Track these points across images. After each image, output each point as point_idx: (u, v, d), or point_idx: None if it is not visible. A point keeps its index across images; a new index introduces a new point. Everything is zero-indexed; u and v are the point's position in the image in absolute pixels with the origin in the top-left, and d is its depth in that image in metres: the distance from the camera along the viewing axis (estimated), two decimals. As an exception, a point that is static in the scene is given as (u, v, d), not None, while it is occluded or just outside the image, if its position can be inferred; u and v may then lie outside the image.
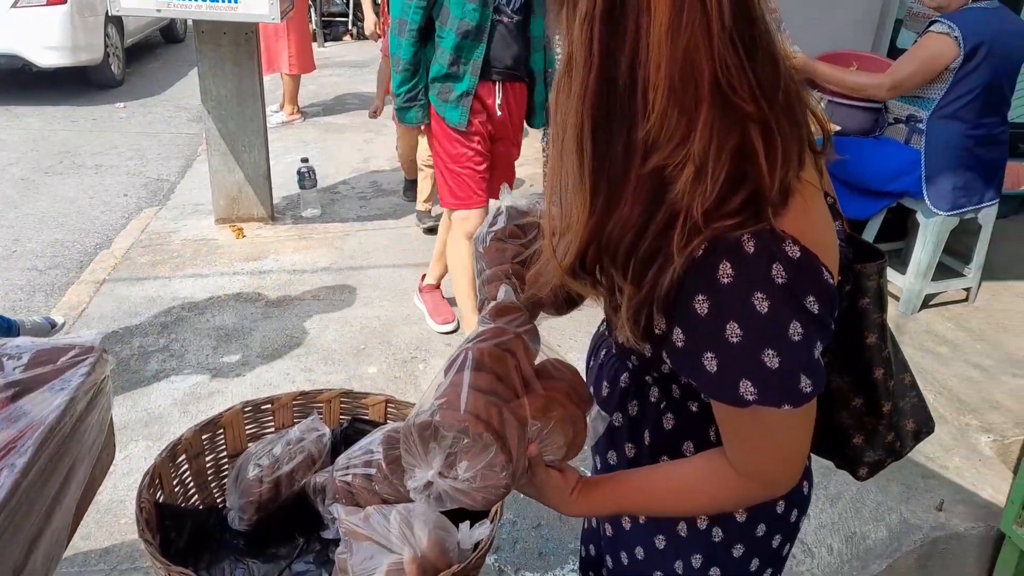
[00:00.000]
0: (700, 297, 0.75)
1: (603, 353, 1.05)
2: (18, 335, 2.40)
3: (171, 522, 1.39)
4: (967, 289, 3.27)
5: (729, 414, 0.81)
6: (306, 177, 3.95)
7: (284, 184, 4.18)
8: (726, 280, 0.74)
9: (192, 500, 1.53)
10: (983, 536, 2.05)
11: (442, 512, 1.36)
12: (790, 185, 0.76)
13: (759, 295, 0.74)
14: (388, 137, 5.49)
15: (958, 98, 2.74)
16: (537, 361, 0.98)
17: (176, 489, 1.48)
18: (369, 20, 4.96)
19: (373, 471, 1.39)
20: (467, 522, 1.33)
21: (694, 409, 0.92)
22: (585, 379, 1.09)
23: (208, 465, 1.56)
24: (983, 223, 3.08)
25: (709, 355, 0.77)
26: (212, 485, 1.58)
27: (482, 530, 1.31)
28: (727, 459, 0.86)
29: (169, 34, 8.91)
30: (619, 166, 0.74)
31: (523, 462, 0.86)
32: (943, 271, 3.24)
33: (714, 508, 0.93)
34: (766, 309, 0.74)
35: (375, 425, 1.65)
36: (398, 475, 1.40)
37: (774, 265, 0.74)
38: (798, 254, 0.75)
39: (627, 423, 1.00)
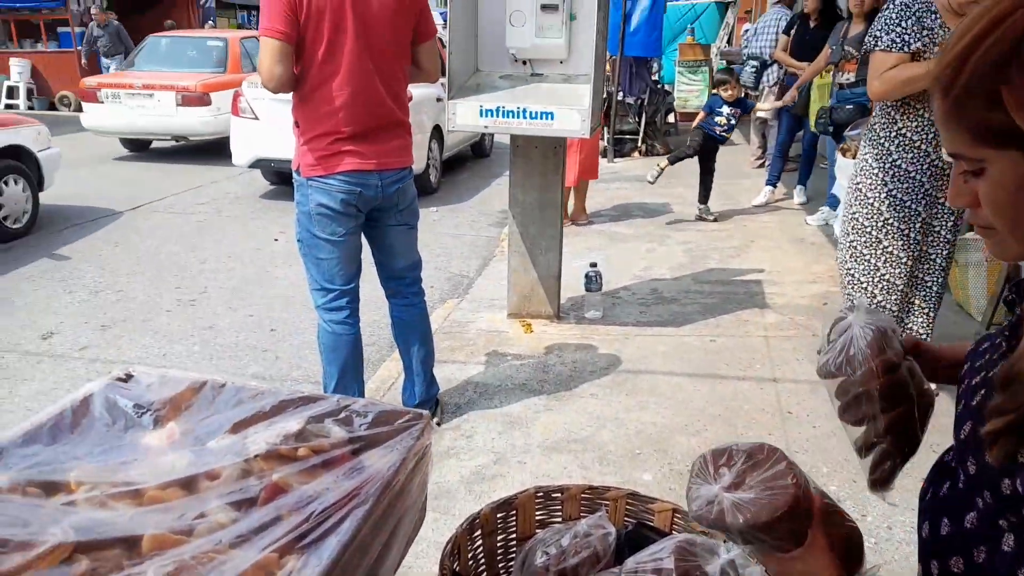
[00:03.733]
0: None
1: (946, 486, 0.93)
2: None
3: (463, 594, 1.45)
4: None
5: None
6: (593, 281, 4.12)
7: (569, 286, 4.39)
8: None
9: (481, 576, 1.59)
10: None
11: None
12: None
13: None
14: (669, 247, 5.57)
15: None
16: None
17: (469, 563, 1.55)
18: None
19: (663, 580, 1.34)
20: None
21: None
22: (917, 517, 0.97)
23: (499, 544, 1.62)
24: None
25: None
26: (499, 565, 1.63)
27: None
28: None
29: (478, 149, 10.04)
30: None
31: (809, 503, 0.86)
32: None
33: None
34: None
35: (660, 533, 1.60)
36: (688, 590, 1.33)
37: None
38: None
39: (969, 570, 0.86)
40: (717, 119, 6.13)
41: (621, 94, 9.07)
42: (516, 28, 3.48)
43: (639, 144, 9.44)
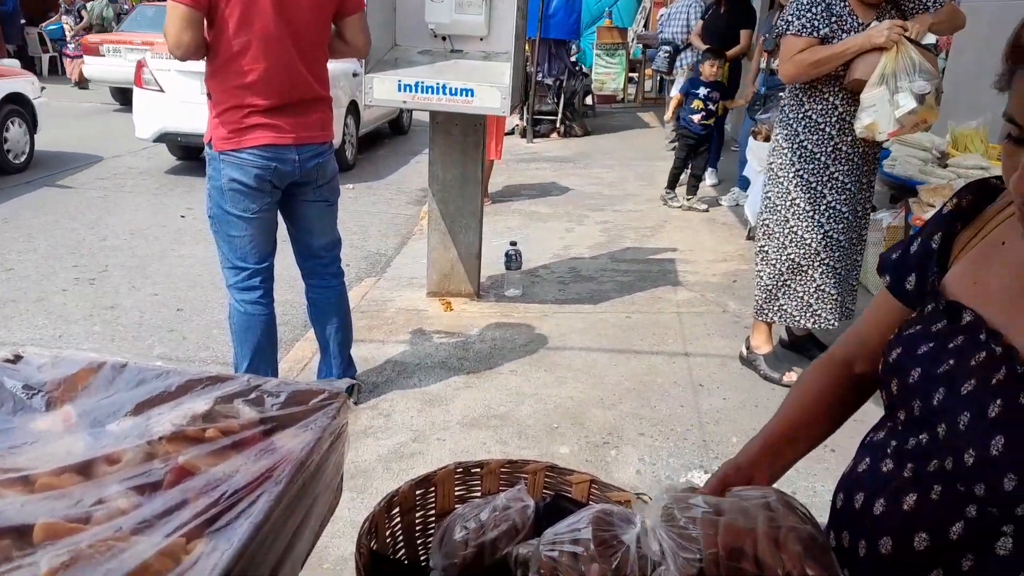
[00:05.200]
0: None
1: (912, 499, 0.88)
2: None
3: (381, 574, 1.44)
4: None
5: None
6: (513, 259, 4.12)
7: (489, 264, 4.38)
8: None
9: (399, 555, 1.58)
10: None
11: None
12: None
13: None
14: (587, 227, 5.64)
15: None
16: None
17: (388, 541, 1.53)
18: None
19: (580, 550, 1.36)
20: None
21: None
22: (865, 535, 0.93)
23: (417, 521, 1.60)
24: None
25: None
26: (418, 542, 1.62)
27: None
28: None
29: (396, 126, 9.88)
30: None
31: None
32: None
33: None
34: None
35: (577, 504, 1.62)
36: (605, 557, 1.35)
37: None
38: None
39: None
40: (692, 104, 5.97)
41: (540, 75, 9.08)
42: (436, 3, 3.42)
43: (557, 125, 9.49)
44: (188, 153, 7.52)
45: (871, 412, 1.04)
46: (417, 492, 1.60)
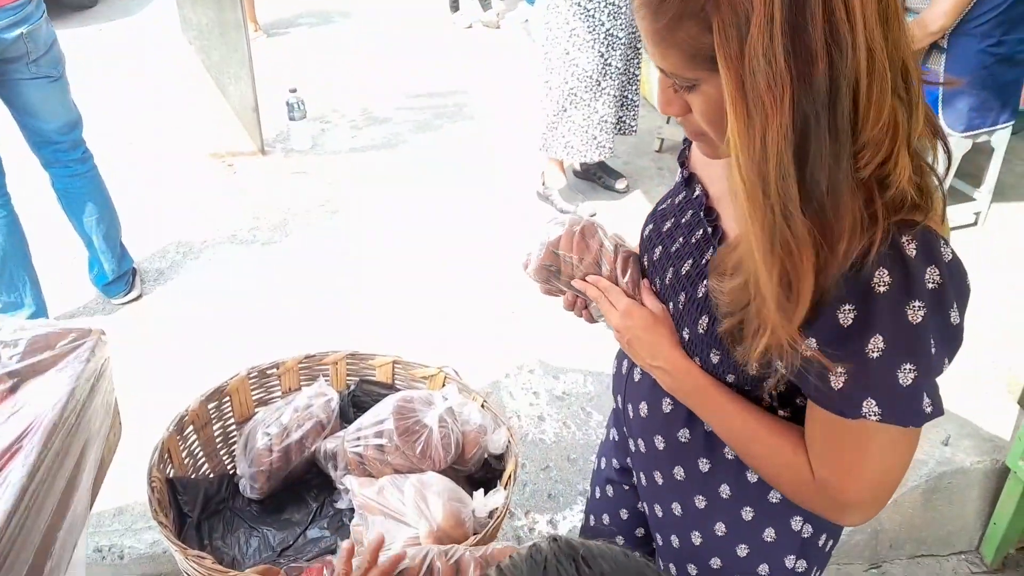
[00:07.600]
0: (847, 307, 0.70)
1: (644, 407, 0.99)
2: None
3: (184, 496, 1.39)
4: (976, 213, 3.21)
5: (833, 425, 0.76)
6: (295, 108, 3.80)
7: (271, 115, 4.00)
8: (882, 288, 0.68)
9: (202, 470, 1.52)
10: (988, 470, 2.07)
11: (456, 482, 1.35)
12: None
13: (916, 304, 0.69)
14: (377, 59, 5.28)
15: (985, 13, 2.61)
16: None
17: (186, 461, 1.46)
18: None
19: (384, 441, 1.38)
20: (481, 490, 1.32)
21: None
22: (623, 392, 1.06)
23: (216, 434, 1.54)
24: (996, 145, 2.99)
25: (840, 370, 0.71)
26: (222, 452, 1.57)
27: (497, 497, 1.30)
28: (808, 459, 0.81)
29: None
30: (835, 188, 0.66)
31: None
32: (952, 195, 3.17)
33: (773, 483, 0.89)
34: (919, 319, 0.69)
35: (383, 386, 1.63)
36: (409, 445, 1.38)
37: (929, 269, 0.69)
38: (950, 256, 0.71)
39: (700, 438, 0.95)
40: None
41: None
42: None
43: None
44: None
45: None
46: (210, 406, 1.52)
